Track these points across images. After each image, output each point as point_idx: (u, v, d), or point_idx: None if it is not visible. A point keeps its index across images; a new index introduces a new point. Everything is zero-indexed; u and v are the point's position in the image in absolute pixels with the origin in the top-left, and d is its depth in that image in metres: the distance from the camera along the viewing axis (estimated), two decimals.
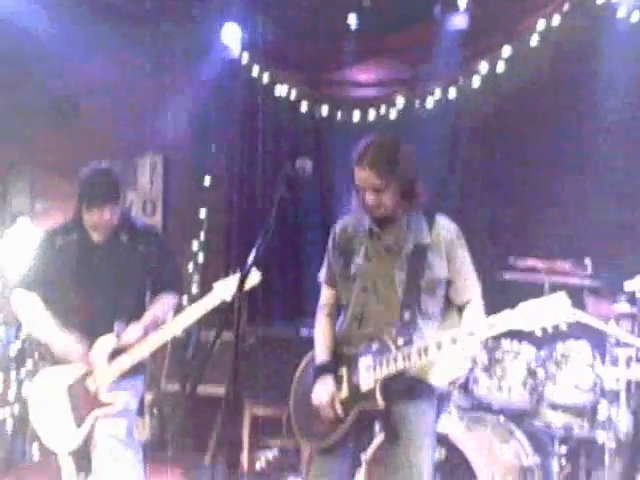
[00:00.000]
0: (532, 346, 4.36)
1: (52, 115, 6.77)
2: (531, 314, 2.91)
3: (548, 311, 2.89)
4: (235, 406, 2.70)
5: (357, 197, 3.25)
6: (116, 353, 3.76)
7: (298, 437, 3.36)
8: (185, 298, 5.59)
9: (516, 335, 4.42)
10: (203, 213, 6.70)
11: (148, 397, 6.32)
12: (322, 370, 3.20)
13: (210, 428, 5.96)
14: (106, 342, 3.74)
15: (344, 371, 3.18)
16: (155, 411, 6.43)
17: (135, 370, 3.88)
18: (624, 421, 3.99)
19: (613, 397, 4.04)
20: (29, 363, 6.36)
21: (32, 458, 6.09)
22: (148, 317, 3.84)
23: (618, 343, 3.99)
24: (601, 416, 4.04)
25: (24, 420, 6.17)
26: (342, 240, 3.31)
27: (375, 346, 3.11)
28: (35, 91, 6.62)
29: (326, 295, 3.39)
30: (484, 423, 4.38)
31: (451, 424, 4.21)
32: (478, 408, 4.53)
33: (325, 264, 3.40)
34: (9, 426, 6.18)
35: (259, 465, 5.70)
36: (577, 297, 4.58)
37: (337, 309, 3.35)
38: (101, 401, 3.72)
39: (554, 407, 4.32)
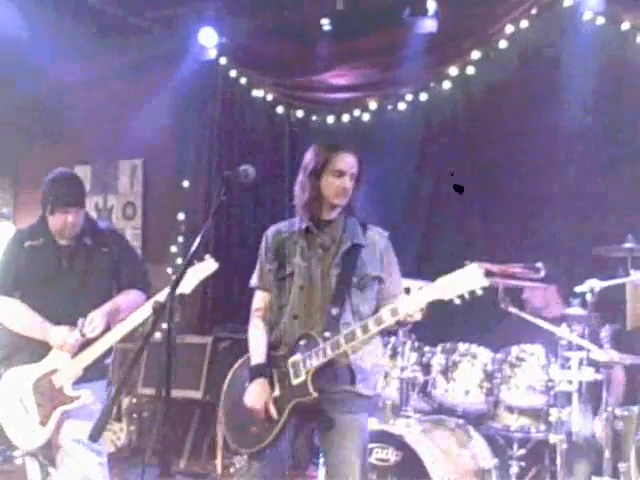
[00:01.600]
0: (488, 349, 4.39)
1: (31, 121, 6.85)
2: (448, 285, 3.04)
3: (464, 280, 3.02)
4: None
5: (305, 190, 3.32)
6: (79, 349, 3.80)
7: (232, 444, 3.39)
8: None
9: (473, 338, 4.48)
10: (182, 216, 6.76)
11: (125, 401, 6.41)
12: (256, 373, 3.25)
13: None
14: (69, 336, 3.79)
15: (274, 371, 3.25)
16: (134, 416, 6.50)
17: (98, 374, 3.96)
18: (576, 422, 4.00)
19: (565, 399, 4.05)
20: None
21: (14, 463, 6.18)
22: (108, 305, 3.89)
23: (570, 346, 4.01)
24: (553, 418, 4.05)
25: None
26: (276, 243, 3.37)
27: (303, 342, 3.20)
28: (13, 96, 6.68)
29: (259, 299, 3.42)
30: (442, 426, 4.42)
31: (408, 426, 4.24)
32: (437, 411, 4.58)
33: (257, 269, 3.45)
34: None
35: (233, 469, 5.74)
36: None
37: (271, 312, 3.38)
38: (66, 396, 3.78)
39: (511, 409, 4.35)
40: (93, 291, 3.96)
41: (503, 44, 5.53)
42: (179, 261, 6.73)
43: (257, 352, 3.30)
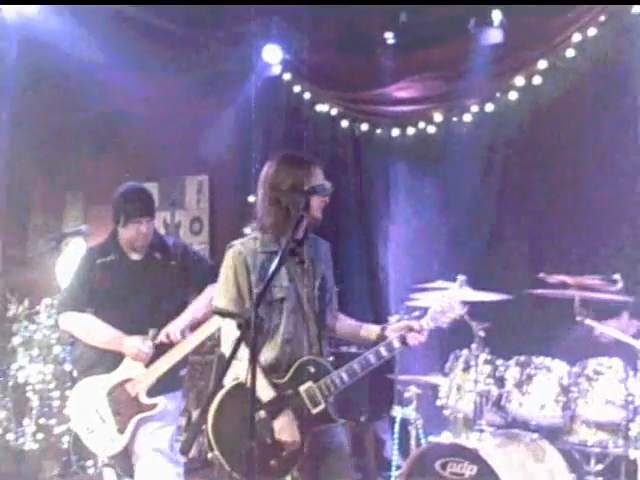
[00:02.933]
0: (564, 362, 4.32)
1: (100, 138, 7.00)
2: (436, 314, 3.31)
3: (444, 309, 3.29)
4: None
5: (263, 219, 3.32)
6: (153, 359, 3.92)
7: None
8: None
9: (548, 351, 4.41)
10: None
11: (195, 414, 6.48)
12: (279, 406, 3.18)
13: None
14: (143, 346, 3.91)
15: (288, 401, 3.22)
16: (204, 427, 6.56)
17: (174, 385, 4.04)
18: None
19: None
20: None
21: (87, 473, 6.30)
22: (183, 318, 3.99)
23: None
24: (633, 432, 3.97)
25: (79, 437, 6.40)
26: (258, 263, 3.27)
27: (312, 369, 3.25)
28: (82, 114, 6.85)
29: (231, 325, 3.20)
30: (517, 440, 4.37)
31: (482, 440, 4.20)
32: (511, 425, 4.52)
33: (224, 290, 3.31)
34: (65, 442, 6.39)
35: None
36: (609, 312, 4.57)
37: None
38: (142, 404, 3.88)
39: (588, 424, 4.26)
40: (165, 304, 4.07)
41: (570, 53, 5.44)
42: None
43: (262, 382, 3.15)
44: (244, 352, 2.91)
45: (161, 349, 3.94)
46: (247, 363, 2.76)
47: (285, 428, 3.16)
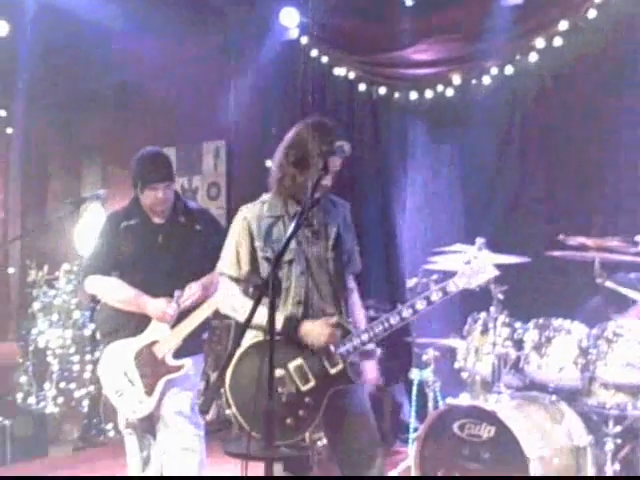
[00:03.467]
0: (583, 324, 4.30)
1: (118, 103, 6.99)
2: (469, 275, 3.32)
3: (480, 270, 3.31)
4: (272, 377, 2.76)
5: (283, 181, 3.33)
6: (177, 321, 3.94)
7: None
8: None
9: (567, 314, 4.39)
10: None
11: (213, 376, 6.52)
12: (295, 322, 3.23)
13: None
14: (168, 307, 3.93)
15: (302, 361, 3.25)
16: (222, 390, 6.61)
17: (196, 348, 4.07)
18: None
19: None
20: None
21: (107, 436, 6.39)
22: (205, 278, 4.01)
23: None
24: None
25: (99, 400, 6.49)
26: (262, 228, 3.31)
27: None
28: (99, 79, 6.83)
29: (232, 287, 3.34)
30: (535, 402, 4.37)
31: (500, 402, 4.20)
32: (529, 387, 4.51)
33: (233, 255, 3.35)
34: (85, 405, 6.47)
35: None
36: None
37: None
38: (169, 366, 3.91)
39: (607, 386, 4.24)
40: (189, 267, 4.07)
41: (592, 14, 5.35)
42: None
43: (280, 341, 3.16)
44: (260, 313, 2.93)
45: (185, 312, 3.96)
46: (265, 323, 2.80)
47: (313, 328, 3.21)
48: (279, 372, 3.17)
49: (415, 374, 4.98)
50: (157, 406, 3.94)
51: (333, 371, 3.25)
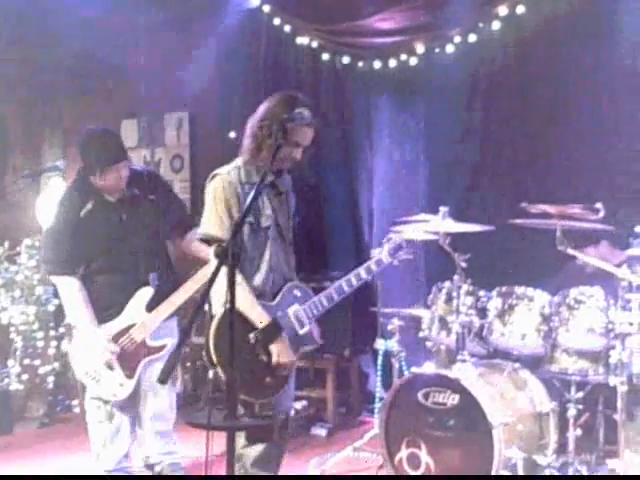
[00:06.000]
0: (546, 292, 4.33)
1: (79, 75, 6.85)
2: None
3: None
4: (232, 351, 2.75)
5: (259, 151, 3.37)
6: (156, 304, 3.89)
7: (246, 396, 3.32)
8: None
9: (530, 282, 4.41)
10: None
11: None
12: (276, 329, 3.33)
13: None
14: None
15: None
16: (188, 364, 6.60)
17: (174, 326, 4.04)
18: (637, 364, 3.94)
19: (625, 341, 3.98)
20: (67, 320, 6.56)
21: (73, 412, 6.35)
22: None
23: (631, 288, 3.93)
24: (613, 360, 3.99)
25: (64, 376, 6.43)
26: (240, 193, 3.34)
27: (297, 292, 3.48)
28: (62, 49, 6.69)
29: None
30: (499, 370, 4.41)
31: (464, 370, 4.23)
32: (493, 355, 4.55)
33: (216, 217, 3.34)
34: (50, 382, 6.41)
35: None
36: (590, 241, 4.57)
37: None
38: (150, 347, 3.88)
39: (568, 352, 4.29)
40: (156, 241, 4.00)
41: None
42: None
43: (255, 307, 3.31)
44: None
45: (162, 295, 3.89)
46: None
47: (283, 351, 3.32)
48: (258, 335, 3.30)
49: (380, 344, 4.99)
50: (138, 385, 3.92)
51: (301, 332, 3.44)
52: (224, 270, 2.95)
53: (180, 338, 3.61)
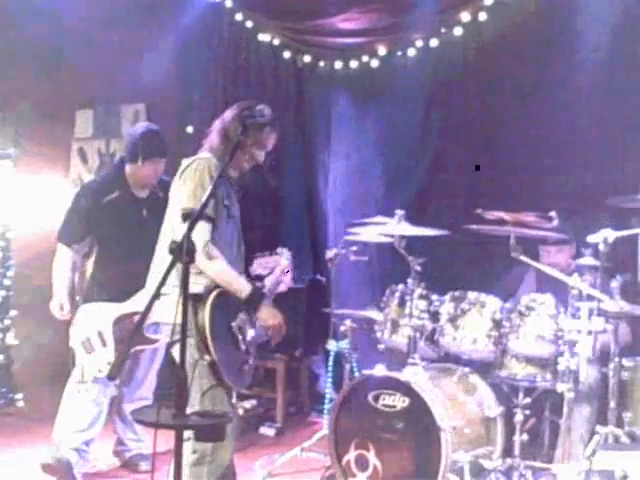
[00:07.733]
0: (497, 298, 4.36)
1: (35, 59, 6.72)
2: None
3: None
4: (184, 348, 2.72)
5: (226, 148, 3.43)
6: None
7: (230, 382, 3.44)
8: None
9: (484, 287, 4.45)
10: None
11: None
12: (259, 295, 3.51)
13: None
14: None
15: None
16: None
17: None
18: (584, 371, 3.99)
19: (574, 349, 4.02)
20: (12, 312, 6.43)
21: (16, 406, 6.22)
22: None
23: (580, 296, 3.98)
24: (561, 367, 4.04)
25: (8, 369, 6.31)
26: (218, 182, 3.32)
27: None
28: (14, 35, 6.55)
29: (207, 230, 3.36)
30: (449, 374, 4.45)
31: (415, 373, 4.24)
32: (444, 359, 4.58)
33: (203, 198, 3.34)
34: None
35: (242, 411, 5.75)
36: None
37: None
38: (146, 337, 3.87)
39: (518, 358, 4.33)
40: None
41: None
42: None
43: (239, 279, 3.48)
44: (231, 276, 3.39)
45: None
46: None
47: (269, 313, 3.53)
48: (239, 320, 3.44)
49: (332, 345, 4.97)
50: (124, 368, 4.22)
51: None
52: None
53: (129, 337, 3.73)
